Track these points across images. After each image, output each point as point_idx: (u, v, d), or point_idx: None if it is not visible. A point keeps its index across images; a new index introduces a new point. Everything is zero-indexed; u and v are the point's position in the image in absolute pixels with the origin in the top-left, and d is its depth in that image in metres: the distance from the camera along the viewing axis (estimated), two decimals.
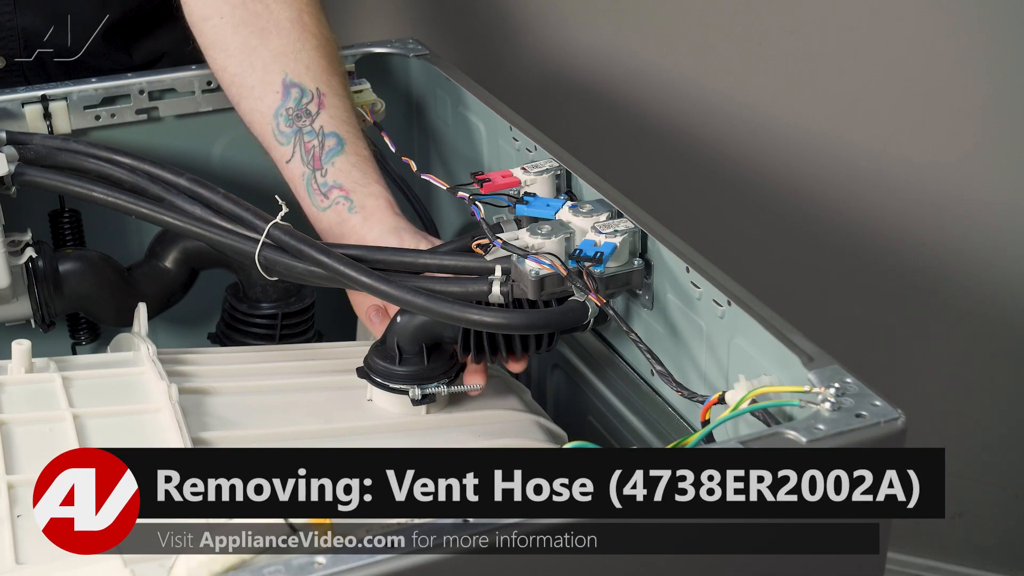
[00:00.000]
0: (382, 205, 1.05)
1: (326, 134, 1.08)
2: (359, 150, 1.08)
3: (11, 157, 1.04)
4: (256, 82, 1.09)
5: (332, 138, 1.08)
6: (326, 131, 1.08)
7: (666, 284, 0.91)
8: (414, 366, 0.97)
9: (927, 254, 1.57)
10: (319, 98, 1.08)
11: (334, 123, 1.08)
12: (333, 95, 1.09)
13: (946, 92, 1.49)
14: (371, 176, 1.07)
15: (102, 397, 0.92)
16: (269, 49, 1.09)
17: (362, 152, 1.08)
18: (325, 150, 1.07)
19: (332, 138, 1.08)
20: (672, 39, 1.59)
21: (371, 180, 1.07)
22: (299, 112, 1.08)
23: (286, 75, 1.09)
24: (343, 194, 1.06)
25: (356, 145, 1.08)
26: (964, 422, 1.64)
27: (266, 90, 1.09)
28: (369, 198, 1.06)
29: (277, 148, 1.09)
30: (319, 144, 1.07)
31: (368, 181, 1.07)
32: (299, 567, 0.59)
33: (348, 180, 1.06)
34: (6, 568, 0.72)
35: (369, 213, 1.05)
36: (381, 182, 1.07)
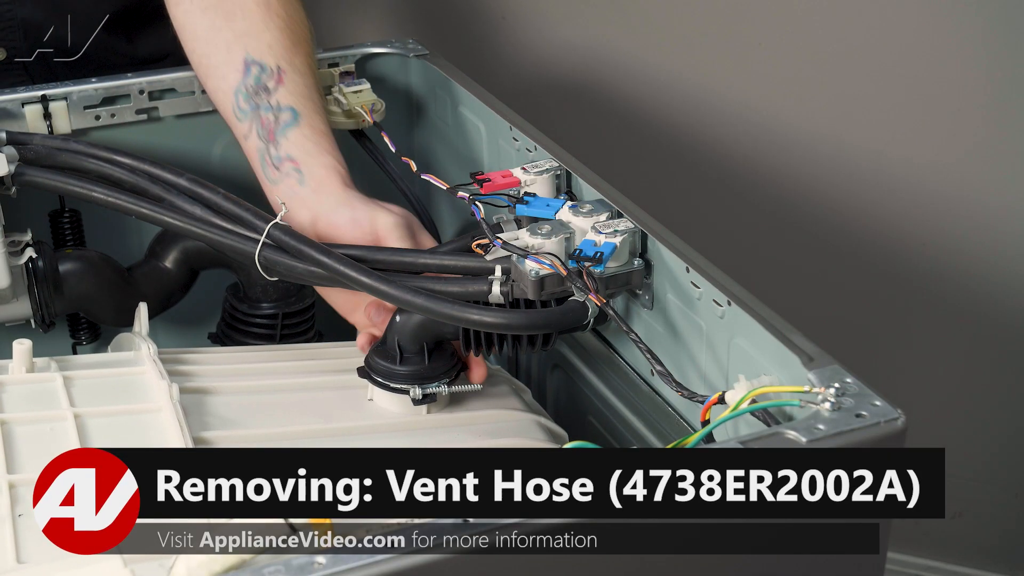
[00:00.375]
0: (332, 176, 1.04)
1: (282, 108, 1.08)
2: (314, 123, 1.07)
3: (11, 157, 1.04)
4: (220, 62, 1.10)
5: (288, 112, 1.07)
6: (282, 105, 1.08)
7: (666, 284, 0.91)
8: (415, 366, 0.97)
9: (927, 254, 1.57)
10: (278, 74, 1.08)
11: (291, 98, 1.08)
12: (294, 72, 1.09)
13: (946, 92, 1.49)
14: (324, 147, 1.06)
15: (103, 397, 0.92)
16: (233, 30, 1.10)
17: (317, 125, 1.07)
18: (280, 124, 1.07)
19: (288, 112, 1.07)
20: (672, 39, 1.59)
21: (323, 151, 1.06)
22: (257, 88, 1.08)
23: (247, 54, 1.09)
24: (294, 166, 1.06)
25: (312, 118, 1.08)
26: (964, 422, 1.64)
27: (228, 69, 1.10)
28: (319, 168, 1.05)
29: (237, 125, 1.09)
30: (274, 118, 1.07)
31: (320, 152, 1.06)
32: (299, 567, 0.59)
33: (300, 152, 1.06)
34: (7, 567, 0.72)
35: (319, 184, 1.04)
36: (334, 153, 1.06)
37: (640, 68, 1.61)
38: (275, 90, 1.08)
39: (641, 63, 1.60)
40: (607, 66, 1.62)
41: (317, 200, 1.04)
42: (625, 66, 1.61)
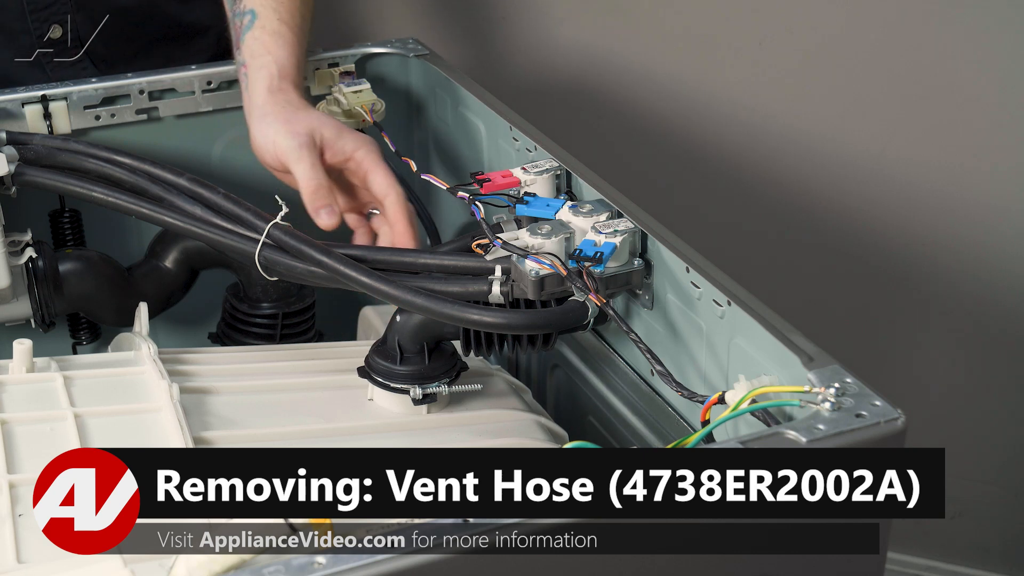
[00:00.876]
0: (262, 79, 1.05)
1: (245, 12, 1.09)
2: (267, 23, 1.08)
3: (11, 157, 1.04)
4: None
5: (248, 15, 1.09)
6: (246, 9, 1.09)
7: (666, 284, 0.91)
8: (415, 365, 0.97)
9: (927, 254, 1.57)
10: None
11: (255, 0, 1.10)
12: None
13: (946, 93, 1.49)
14: (267, 46, 1.07)
15: (103, 396, 0.92)
16: None
17: (271, 25, 1.08)
18: (242, 28, 1.09)
19: (248, 15, 1.09)
20: (673, 39, 1.59)
21: (264, 52, 1.07)
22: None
23: None
24: (245, 71, 1.08)
25: (267, 19, 1.09)
26: (964, 422, 1.65)
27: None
28: (255, 71, 1.06)
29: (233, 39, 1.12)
30: (240, 23, 1.09)
31: (262, 53, 1.07)
32: (299, 567, 0.59)
33: (249, 56, 1.08)
34: (7, 567, 0.72)
35: (252, 92, 1.06)
36: (276, 52, 1.07)
37: (640, 68, 1.61)
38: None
39: (641, 63, 1.60)
40: (607, 66, 1.62)
41: (250, 106, 1.05)
42: (625, 66, 1.61)
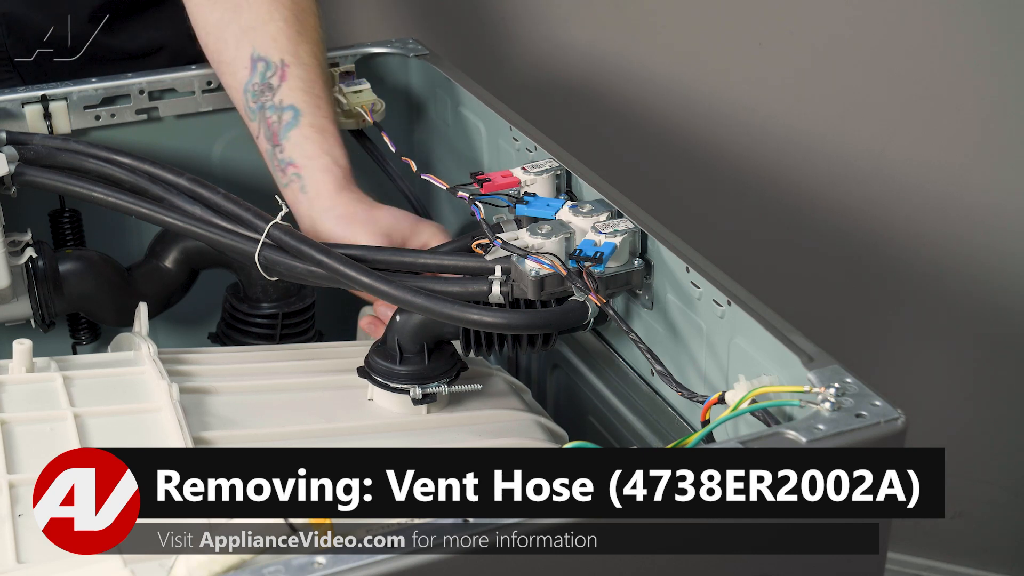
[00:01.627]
0: (326, 178, 1.04)
1: (284, 107, 1.07)
2: (314, 120, 1.07)
3: (11, 157, 1.04)
4: (230, 58, 1.10)
5: (289, 111, 1.07)
6: (284, 104, 1.07)
7: (666, 284, 0.91)
8: (415, 365, 0.97)
9: (927, 254, 1.57)
10: (282, 70, 1.07)
11: (293, 95, 1.07)
12: (297, 65, 1.08)
13: (946, 93, 1.49)
14: (322, 147, 1.06)
15: (103, 396, 0.92)
16: (240, 24, 1.09)
17: (317, 122, 1.07)
18: (282, 124, 1.07)
19: (289, 111, 1.07)
20: (672, 39, 1.59)
21: (321, 151, 1.05)
22: (263, 87, 1.08)
23: (254, 49, 1.08)
24: (296, 171, 1.06)
25: (312, 116, 1.07)
26: (964, 422, 1.65)
27: (238, 65, 1.09)
28: (316, 172, 1.04)
29: (249, 124, 1.09)
30: (278, 119, 1.07)
31: (318, 153, 1.05)
32: (299, 567, 0.59)
33: (300, 155, 1.05)
34: (7, 567, 0.72)
35: (316, 190, 1.04)
36: (333, 151, 1.06)
37: (640, 68, 1.61)
38: (278, 88, 1.07)
39: (641, 63, 1.60)
40: (607, 66, 1.62)
41: (312, 206, 1.04)
42: (625, 66, 1.61)
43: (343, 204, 1.03)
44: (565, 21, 1.62)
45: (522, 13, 1.64)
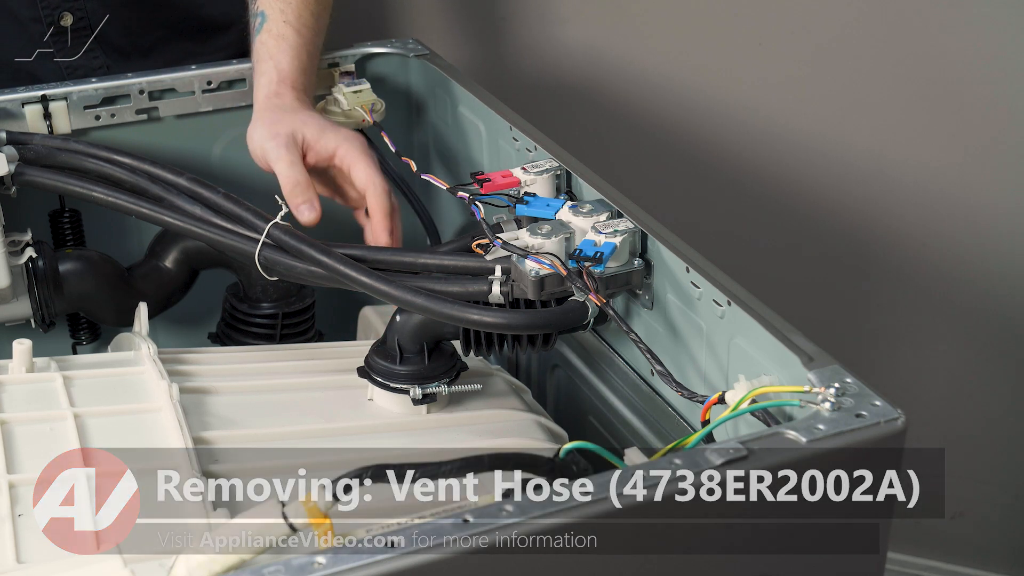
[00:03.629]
0: (261, 86, 1.08)
1: (257, 14, 1.11)
2: (273, 26, 1.10)
3: (11, 157, 1.04)
4: None
5: (258, 17, 1.11)
6: (258, 11, 1.12)
7: (666, 284, 0.91)
8: (415, 365, 0.97)
9: (927, 254, 1.57)
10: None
11: (266, 1, 1.12)
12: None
13: (946, 93, 1.49)
14: (270, 52, 1.09)
15: (103, 396, 0.92)
16: None
17: (276, 28, 1.10)
18: (253, 31, 1.11)
19: (258, 17, 1.11)
20: (672, 39, 1.59)
21: (267, 57, 1.09)
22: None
23: None
24: (254, 75, 1.11)
25: (272, 21, 1.11)
26: (964, 422, 1.64)
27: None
28: (259, 78, 1.09)
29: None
30: (253, 25, 1.12)
31: (265, 59, 1.10)
32: (299, 567, 0.59)
33: (256, 60, 1.11)
34: (7, 567, 0.72)
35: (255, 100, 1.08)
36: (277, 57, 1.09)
37: (640, 68, 1.61)
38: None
39: (641, 63, 1.60)
40: (607, 66, 1.62)
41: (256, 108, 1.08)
42: (625, 66, 1.61)
43: (263, 108, 1.07)
44: (565, 21, 1.62)
45: (522, 13, 1.64)
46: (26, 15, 1.26)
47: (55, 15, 1.26)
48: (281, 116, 1.06)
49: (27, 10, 1.25)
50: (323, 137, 1.05)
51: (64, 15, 1.26)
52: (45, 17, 1.25)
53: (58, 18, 1.26)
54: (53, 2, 1.25)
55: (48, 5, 1.25)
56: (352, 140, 1.06)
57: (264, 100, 1.08)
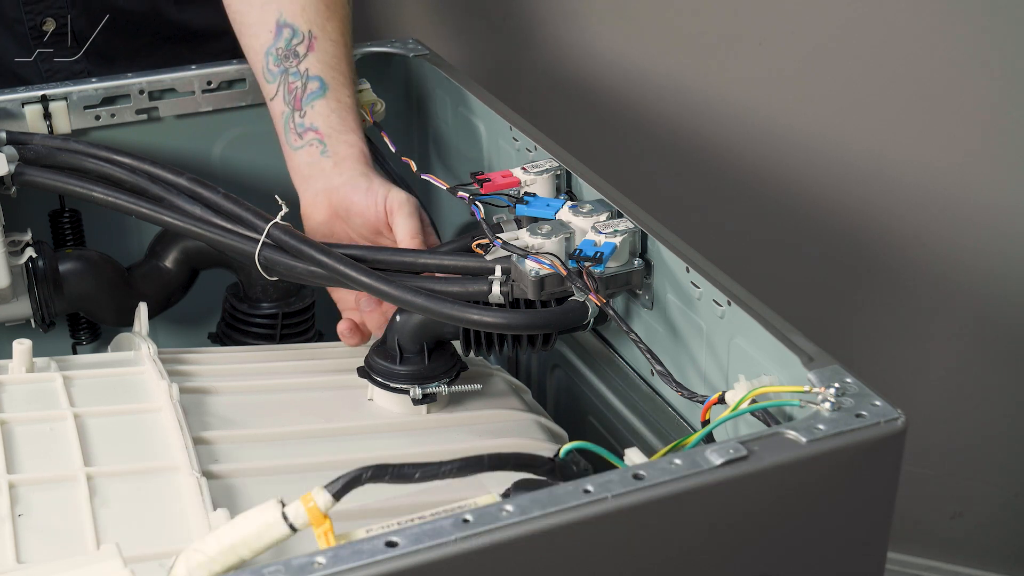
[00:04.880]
0: (355, 153, 1.07)
1: (310, 77, 1.09)
2: (341, 97, 1.09)
3: (11, 157, 1.04)
4: (254, 20, 1.12)
5: (315, 81, 1.09)
6: (311, 74, 1.09)
7: (666, 284, 0.91)
8: (415, 365, 0.97)
9: (927, 254, 1.57)
10: (309, 40, 1.09)
11: (320, 67, 1.09)
12: (325, 39, 1.10)
13: (946, 93, 1.49)
14: (349, 124, 1.08)
15: (103, 396, 0.92)
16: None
17: (344, 100, 1.09)
18: (307, 92, 1.09)
19: (315, 81, 1.09)
20: (672, 39, 1.59)
21: (348, 128, 1.08)
22: (287, 53, 1.09)
23: (280, 14, 1.10)
24: (318, 137, 1.08)
25: (339, 92, 1.09)
26: (964, 422, 1.64)
27: (261, 28, 1.11)
28: (343, 145, 1.07)
29: (264, 86, 1.11)
30: (302, 86, 1.09)
31: (345, 129, 1.08)
32: (299, 567, 0.59)
33: (325, 124, 1.08)
34: (7, 567, 0.72)
35: (341, 159, 1.06)
36: (358, 131, 1.08)
37: (640, 68, 1.61)
38: (305, 56, 1.09)
39: (641, 63, 1.60)
40: (607, 66, 1.62)
41: (337, 172, 1.05)
42: (625, 66, 1.61)
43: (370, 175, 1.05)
44: (566, 21, 1.62)
45: (522, 13, 1.64)
46: (10, 16, 1.26)
47: (38, 20, 1.26)
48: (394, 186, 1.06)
49: (11, 11, 1.26)
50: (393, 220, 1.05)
51: (47, 20, 1.26)
52: (28, 20, 1.26)
53: (41, 23, 1.26)
54: (37, 7, 1.25)
55: (32, 10, 1.25)
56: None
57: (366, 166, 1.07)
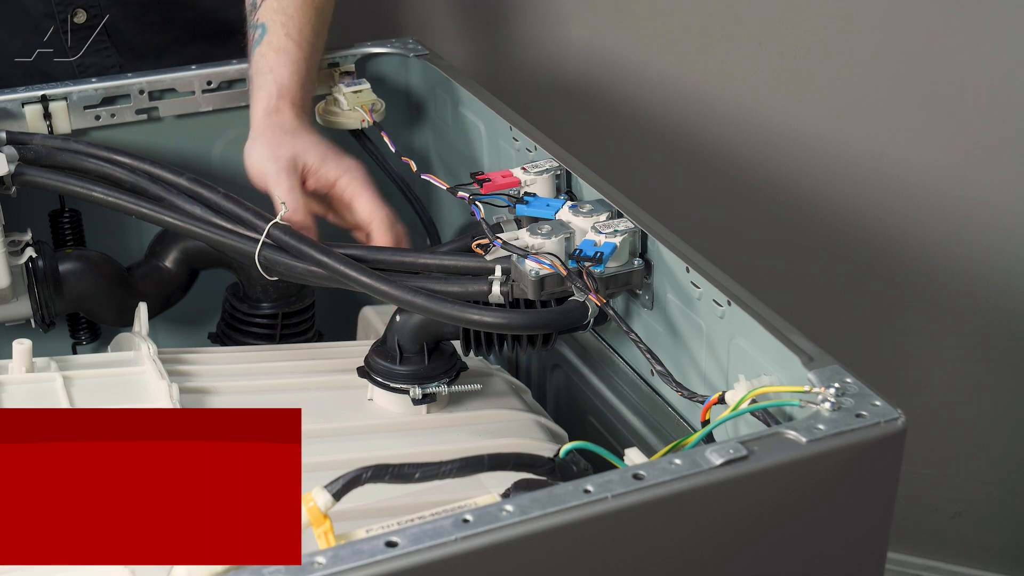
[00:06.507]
0: (260, 100, 1.07)
1: (257, 26, 1.10)
2: (272, 39, 1.09)
3: (11, 157, 1.04)
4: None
5: (259, 29, 1.10)
6: (258, 23, 1.10)
7: (666, 284, 0.91)
8: (415, 365, 0.97)
9: (927, 255, 1.57)
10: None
11: (267, 13, 1.10)
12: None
13: (946, 93, 1.49)
14: (269, 65, 1.08)
15: (103, 396, 0.92)
16: None
17: (276, 41, 1.09)
18: (252, 42, 1.10)
19: (259, 29, 1.10)
20: (672, 39, 1.59)
21: (267, 70, 1.08)
22: (251, 7, 1.12)
23: None
24: (250, 88, 1.10)
25: (273, 34, 1.09)
26: (964, 422, 1.64)
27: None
28: (260, 90, 1.08)
29: None
30: (251, 38, 1.10)
31: (265, 71, 1.08)
32: (299, 567, 0.59)
33: (255, 73, 1.09)
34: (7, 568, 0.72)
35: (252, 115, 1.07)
36: (277, 70, 1.08)
37: (640, 68, 1.61)
38: (260, 6, 1.11)
39: (641, 63, 1.60)
40: (607, 66, 1.62)
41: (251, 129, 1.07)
42: (625, 66, 1.61)
43: (262, 125, 1.06)
44: (565, 21, 1.62)
45: (522, 13, 1.64)
46: (40, 12, 1.26)
47: (68, 12, 1.25)
48: (282, 138, 1.05)
49: (41, 6, 1.25)
50: (324, 165, 1.05)
51: (77, 12, 1.26)
52: (58, 13, 1.25)
53: (71, 15, 1.25)
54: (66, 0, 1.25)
55: (62, 1, 1.25)
56: (354, 171, 1.06)
57: (263, 115, 1.07)
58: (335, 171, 1.05)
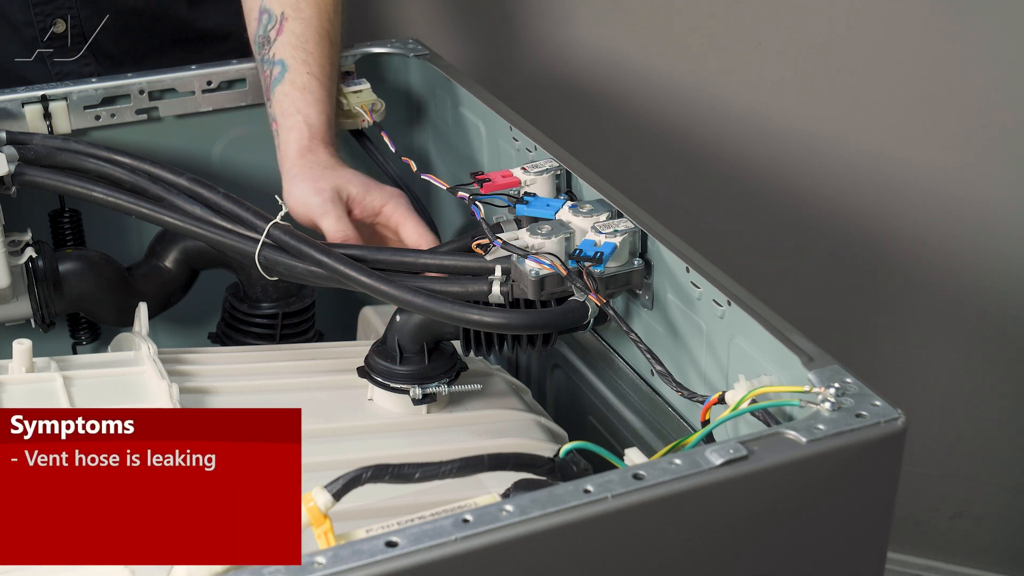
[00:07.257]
0: (292, 140, 1.06)
1: (275, 62, 1.09)
2: (296, 77, 1.08)
3: (11, 157, 1.04)
4: (248, 8, 1.14)
5: (278, 66, 1.09)
6: (276, 59, 1.09)
7: (666, 284, 0.91)
8: (415, 365, 0.97)
9: (927, 254, 1.57)
10: (280, 23, 1.09)
11: (285, 49, 1.09)
12: (296, 19, 1.10)
13: (946, 94, 1.49)
14: (297, 104, 1.08)
15: (103, 396, 0.92)
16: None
17: (300, 79, 1.08)
18: (272, 79, 1.09)
19: (278, 66, 1.09)
20: (672, 39, 1.59)
21: (295, 110, 1.07)
22: (263, 40, 1.10)
23: (262, 1, 1.11)
24: (276, 128, 1.09)
25: (296, 72, 1.08)
26: (964, 422, 1.65)
27: (250, 17, 1.13)
28: (286, 132, 1.07)
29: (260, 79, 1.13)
30: (270, 73, 1.09)
31: (292, 111, 1.08)
32: (299, 567, 0.59)
33: (279, 112, 1.08)
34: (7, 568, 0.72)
35: (283, 154, 1.07)
36: (305, 110, 1.08)
37: (640, 68, 1.61)
38: (274, 41, 1.09)
39: (641, 63, 1.60)
40: (607, 66, 1.62)
41: (283, 167, 1.06)
42: (625, 66, 1.61)
43: (299, 166, 1.05)
44: (566, 21, 1.62)
45: (522, 13, 1.64)
46: (19, 19, 1.26)
47: (48, 21, 1.25)
48: (321, 172, 1.05)
49: (20, 14, 1.25)
50: (369, 194, 1.05)
51: (57, 21, 1.26)
52: (38, 22, 1.25)
53: (51, 24, 1.26)
54: (47, 8, 1.25)
55: (42, 11, 1.25)
56: (398, 198, 1.06)
57: (297, 156, 1.06)
58: (380, 199, 1.05)
